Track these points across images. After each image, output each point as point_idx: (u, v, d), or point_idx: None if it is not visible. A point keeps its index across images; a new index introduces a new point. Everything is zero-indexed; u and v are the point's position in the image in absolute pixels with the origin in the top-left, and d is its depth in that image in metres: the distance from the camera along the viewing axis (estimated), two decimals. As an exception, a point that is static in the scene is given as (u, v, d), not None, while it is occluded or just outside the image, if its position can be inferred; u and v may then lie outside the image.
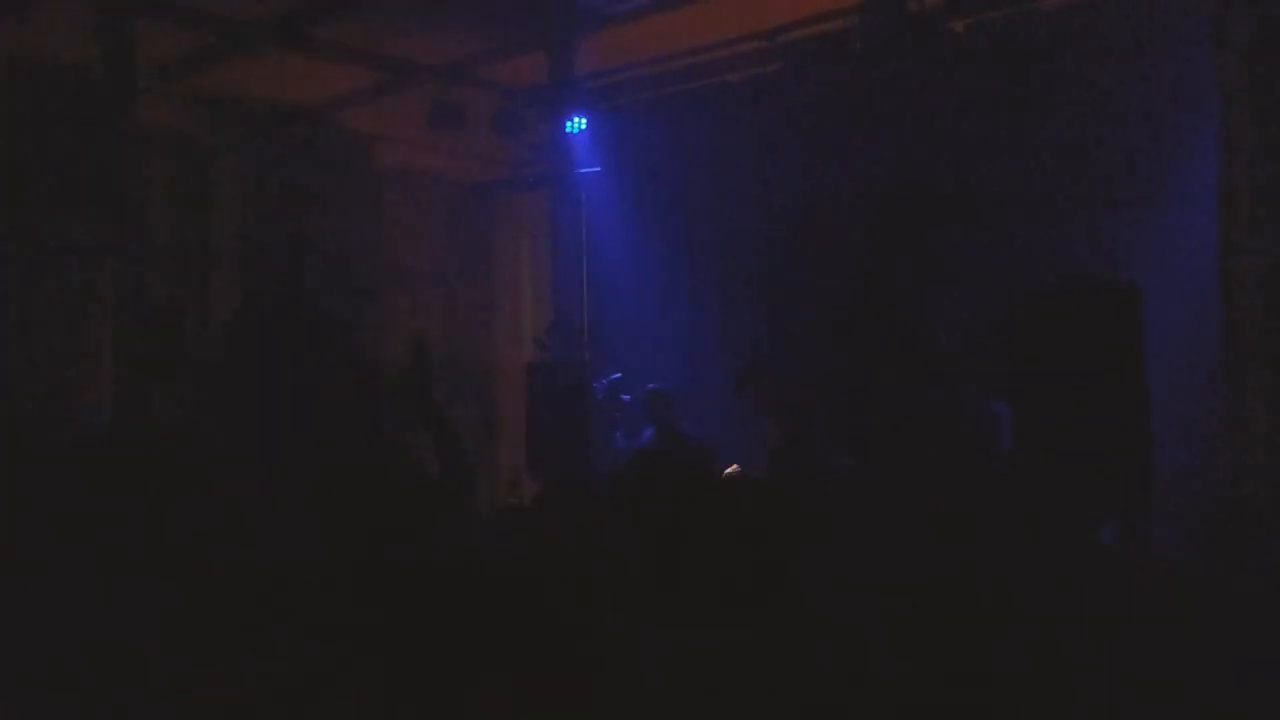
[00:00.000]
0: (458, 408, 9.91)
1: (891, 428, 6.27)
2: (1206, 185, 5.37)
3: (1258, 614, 4.41)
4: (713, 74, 9.10)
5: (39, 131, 8.86)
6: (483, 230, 12.37)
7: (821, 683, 2.89)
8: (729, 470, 6.70)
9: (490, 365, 11.83)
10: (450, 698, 2.64)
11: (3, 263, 8.77)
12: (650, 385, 7.79)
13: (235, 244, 10.83)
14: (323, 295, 10.60)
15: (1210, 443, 5.16)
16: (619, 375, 8.46)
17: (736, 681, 2.32)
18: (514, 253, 12.26)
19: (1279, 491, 4.32)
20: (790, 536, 3.87)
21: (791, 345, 7.87)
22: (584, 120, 9.66)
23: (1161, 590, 4.42)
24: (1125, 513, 4.74)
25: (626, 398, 8.39)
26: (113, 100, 8.64)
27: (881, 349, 7.01)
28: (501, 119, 10.14)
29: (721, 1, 8.57)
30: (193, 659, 2.58)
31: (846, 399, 6.83)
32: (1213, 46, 4.80)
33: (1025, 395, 5.03)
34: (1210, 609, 4.36)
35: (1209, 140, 5.20)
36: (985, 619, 4.08)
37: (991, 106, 7.26)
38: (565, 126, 9.80)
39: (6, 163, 8.65)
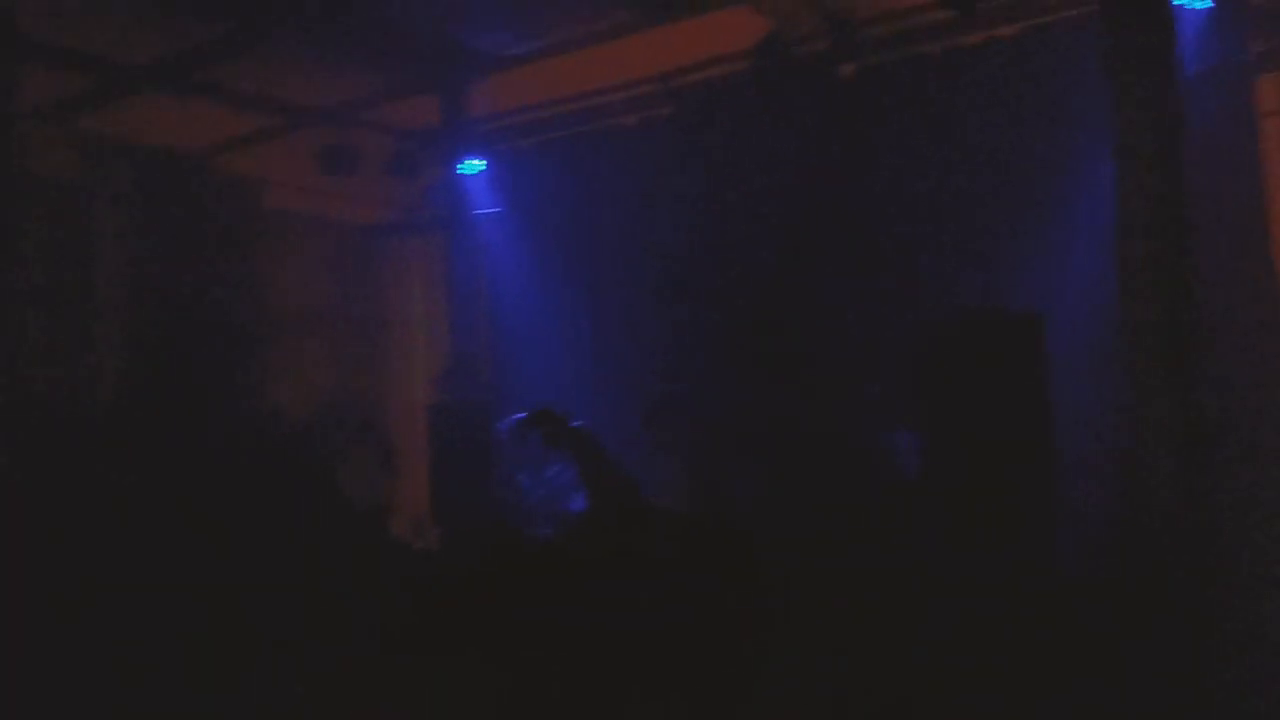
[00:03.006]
0: (359, 453, 9.79)
1: (796, 460, 6.41)
2: (1102, 218, 5.62)
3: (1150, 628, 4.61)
4: (609, 116, 9.23)
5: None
6: (377, 273, 12.28)
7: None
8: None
9: (387, 409, 11.72)
10: None
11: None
12: (574, 423, 7.80)
13: (119, 292, 10.57)
14: (211, 343, 10.40)
15: (1114, 468, 5.38)
16: (522, 415, 8.46)
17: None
18: (409, 295, 12.19)
19: (1180, 517, 4.52)
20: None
21: (693, 384, 7.97)
22: (483, 162, 9.71)
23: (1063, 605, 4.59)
24: (1031, 537, 4.91)
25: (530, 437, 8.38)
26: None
27: (784, 386, 7.18)
28: (395, 162, 10.13)
29: (616, 46, 8.74)
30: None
31: (751, 435, 6.96)
32: (1105, 79, 5.03)
33: (932, 425, 5.18)
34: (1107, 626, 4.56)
35: (1104, 174, 5.45)
36: (900, 634, 4.21)
37: (883, 148, 7.50)
38: (460, 168, 9.84)
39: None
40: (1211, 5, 6.64)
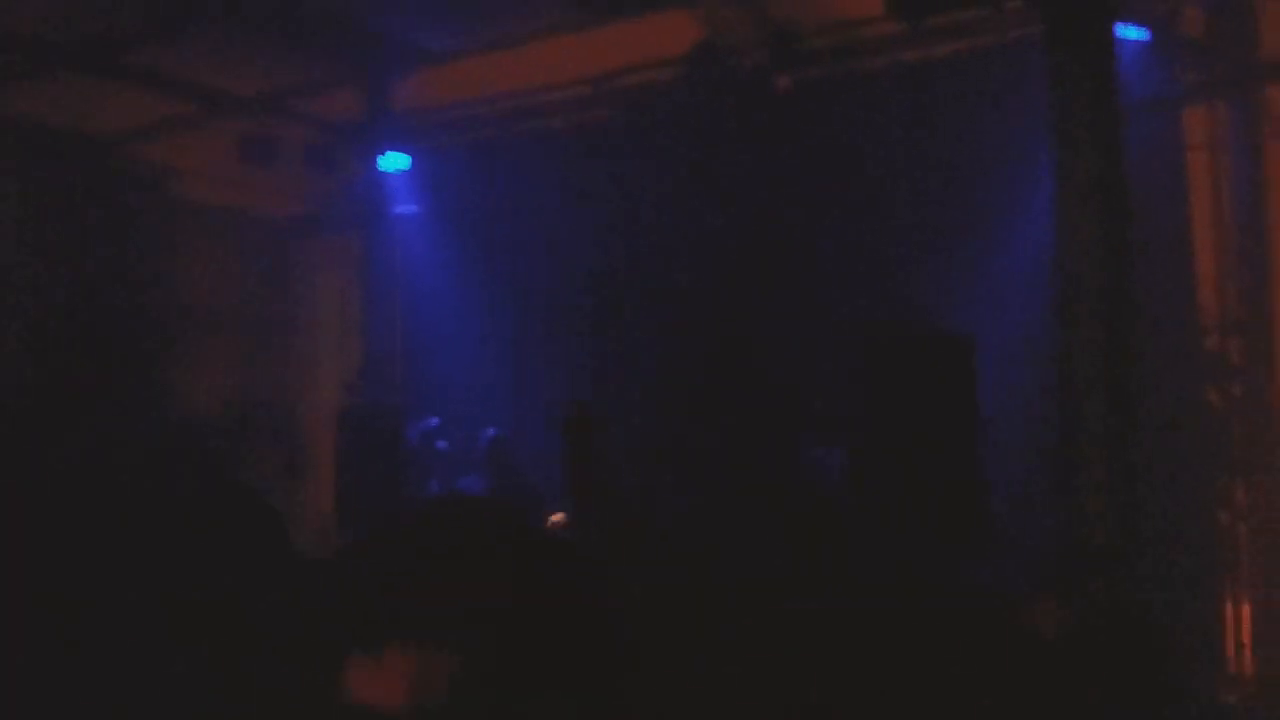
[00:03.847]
0: (263, 454, 9.48)
1: (720, 475, 6.27)
2: (1038, 233, 5.58)
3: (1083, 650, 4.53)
4: (538, 118, 9.03)
5: None
6: (291, 268, 11.92)
7: None
8: (554, 518, 6.57)
9: (296, 409, 11.36)
10: None
11: None
12: (492, 431, 7.60)
13: (17, 280, 10.10)
14: (114, 338, 9.99)
15: (1046, 484, 5.32)
16: (436, 421, 8.23)
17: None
18: (324, 292, 11.85)
19: (1113, 537, 4.46)
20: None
21: (615, 393, 7.79)
22: (406, 158, 9.45)
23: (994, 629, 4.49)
24: (963, 553, 4.82)
25: (442, 444, 8.16)
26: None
27: (709, 401, 7.04)
28: (314, 154, 9.82)
29: (548, 45, 8.56)
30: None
31: (672, 449, 6.81)
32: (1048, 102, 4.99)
33: (864, 440, 5.07)
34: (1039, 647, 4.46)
35: (1039, 191, 5.41)
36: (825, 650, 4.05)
37: (818, 163, 7.40)
38: (380, 163, 9.58)
39: None
40: (1148, 37, 6.65)
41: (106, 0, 8.06)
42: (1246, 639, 7.11)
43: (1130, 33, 6.61)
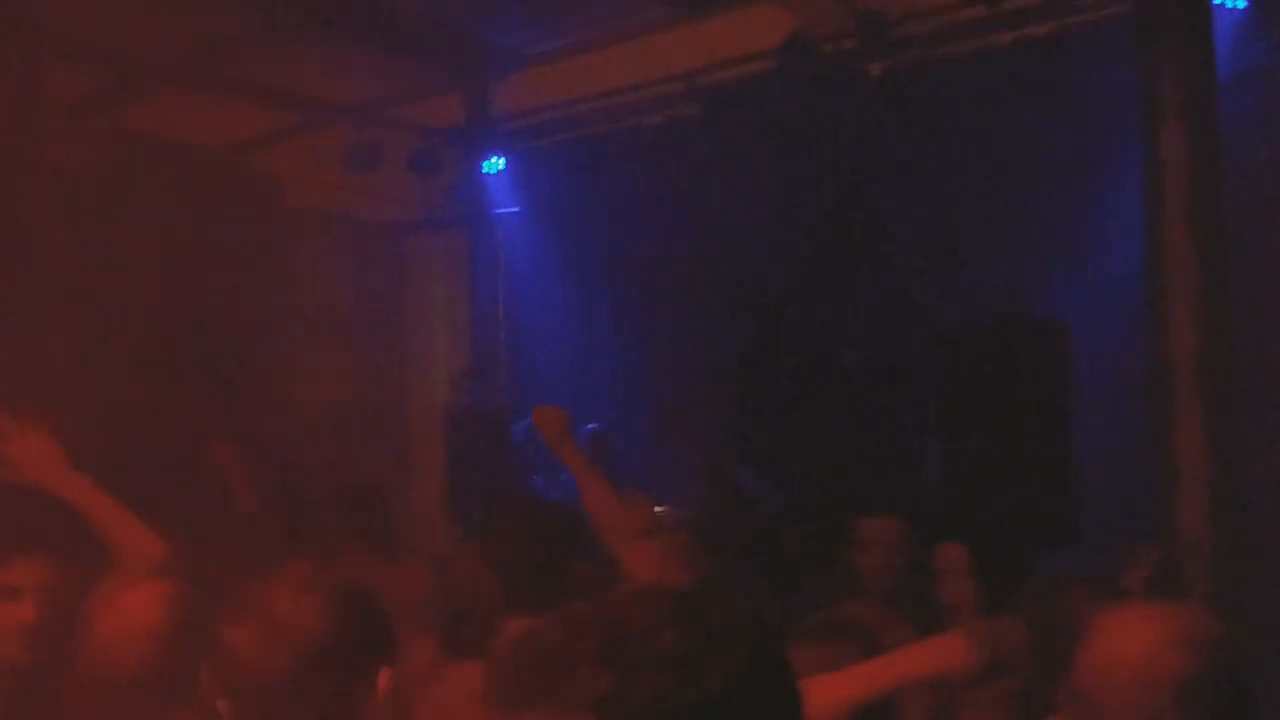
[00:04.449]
0: (372, 453, 9.74)
1: (813, 459, 6.29)
2: (1133, 220, 5.48)
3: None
4: (632, 116, 9.11)
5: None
6: (397, 271, 12.21)
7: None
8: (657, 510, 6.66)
9: (404, 408, 11.64)
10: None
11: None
12: (592, 426, 7.72)
13: (138, 288, 10.51)
14: (233, 343, 10.32)
15: (1143, 475, 5.22)
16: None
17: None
18: (429, 294, 12.11)
19: (1211, 530, 4.37)
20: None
21: (712, 388, 7.85)
22: (502, 160, 9.62)
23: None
24: (1054, 543, 4.78)
25: (547, 439, 8.29)
26: (18, 139, 8.39)
27: (802, 386, 7.05)
28: (417, 159, 10.05)
29: (639, 44, 8.64)
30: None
31: (775, 438, 6.84)
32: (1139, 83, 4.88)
33: (958, 431, 5.06)
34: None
35: (1134, 174, 5.30)
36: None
37: (912, 150, 7.34)
38: (482, 167, 9.77)
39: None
40: (1246, 6, 6.47)
41: (213, 16, 8.37)
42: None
43: (1228, 3, 6.45)
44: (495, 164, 9.70)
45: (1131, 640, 1.98)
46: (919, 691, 2.79)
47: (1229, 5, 6.41)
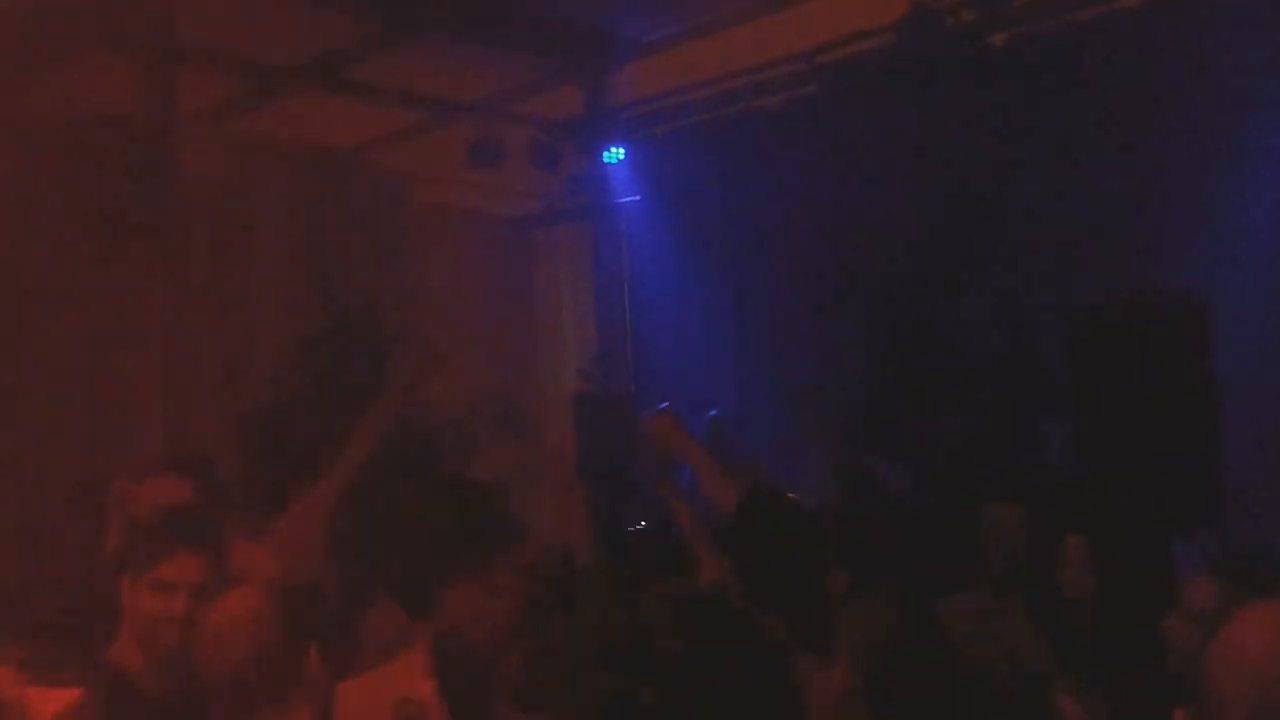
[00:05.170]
0: (505, 441, 9.84)
1: (944, 450, 6.15)
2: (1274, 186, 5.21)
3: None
4: (750, 98, 9.03)
5: (86, 181, 8.91)
6: (523, 264, 12.35)
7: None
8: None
9: (535, 398, 11.77)
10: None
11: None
12: (712, 413, 7.69)
13: (274, 292, 10.81)
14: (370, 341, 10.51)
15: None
16: (666, 405, 8.37)
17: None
18: (555, 285, 12.23)
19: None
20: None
21: (838, 374, 7.73)
22: (622, 150, 9.64)
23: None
24: (1199, 529, 4.59)
25: (675, 427, 8.29)
26: (157, 148, 8.68)
27: (929, 374, 6.90)
28: (538, 152, 10.12)
29: (754, 25, 8.55)
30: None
31: (900, 424, 6.72)
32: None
33: (1091, 410, 4.89)
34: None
35: (1274, 139, 5.03)
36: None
37: (1038, 123, 7.09)
38: (602, 157, 9.80)
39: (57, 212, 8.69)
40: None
41: (335, 20, 8.55)
42: None
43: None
44: (616, 154, 9.71)
45: (1254, 636, 1.91)
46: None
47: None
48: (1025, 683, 2.51)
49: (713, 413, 7.69)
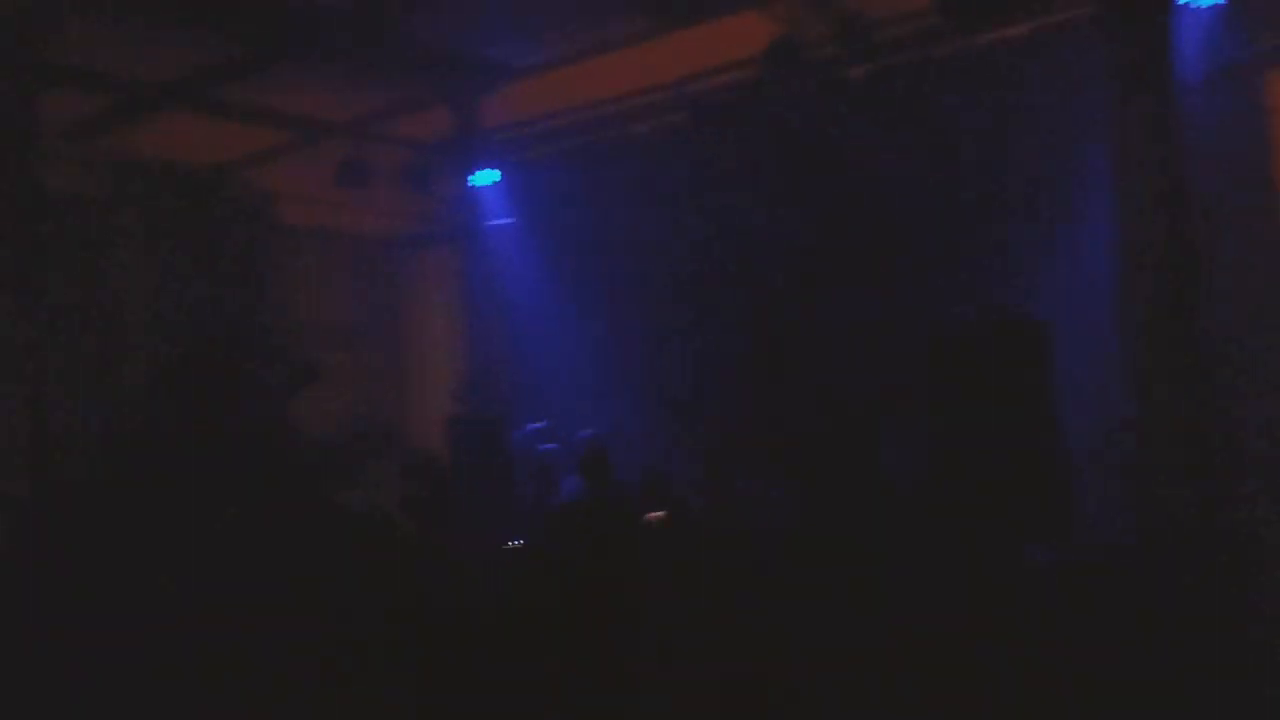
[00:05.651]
0: (380, 468, 9.83)
1: (813, 462, 6.43)
2: (1110, 218, 5.60)
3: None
4: (621, 124, 9.26)
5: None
6: (394, 286, 12.35)
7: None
8: (654, 515, 6.80)
9: (408, 422, 11.78)
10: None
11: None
12: (586, 431, 7.83)
13: (141, 309, 10.64)
14: (232, 360, 10.42)
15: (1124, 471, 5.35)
16: (541, 424, 8.51)
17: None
18: (426, 307, 12.25)
19: (1189, 520, 4.51)
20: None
21: (714, 387, 7.99)
22: (496, 173, 9.77)
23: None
24: (1049, 538, 4.92)
25: (548, 446, 8.43)
26: (13, 165, 8.50)
27: (795, 395, 7.20)
28: (409, 174, 10.19)
29: (628, 53, 8.78)
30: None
31: (769, 435, 6.98)
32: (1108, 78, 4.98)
33: (940, 428, 5.19)
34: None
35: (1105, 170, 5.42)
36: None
37: (894, 153, 7.49)
38: (474, 179, 9.91)
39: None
40: (1221, 3, 6.62)
41: (203, 39, 8.48)
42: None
43: (1203, 1, 6.60)
44: (487, 176, 9.83)
45: None
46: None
47: (1202, 4, 6.56)
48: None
49: (587, 432, 7.84)
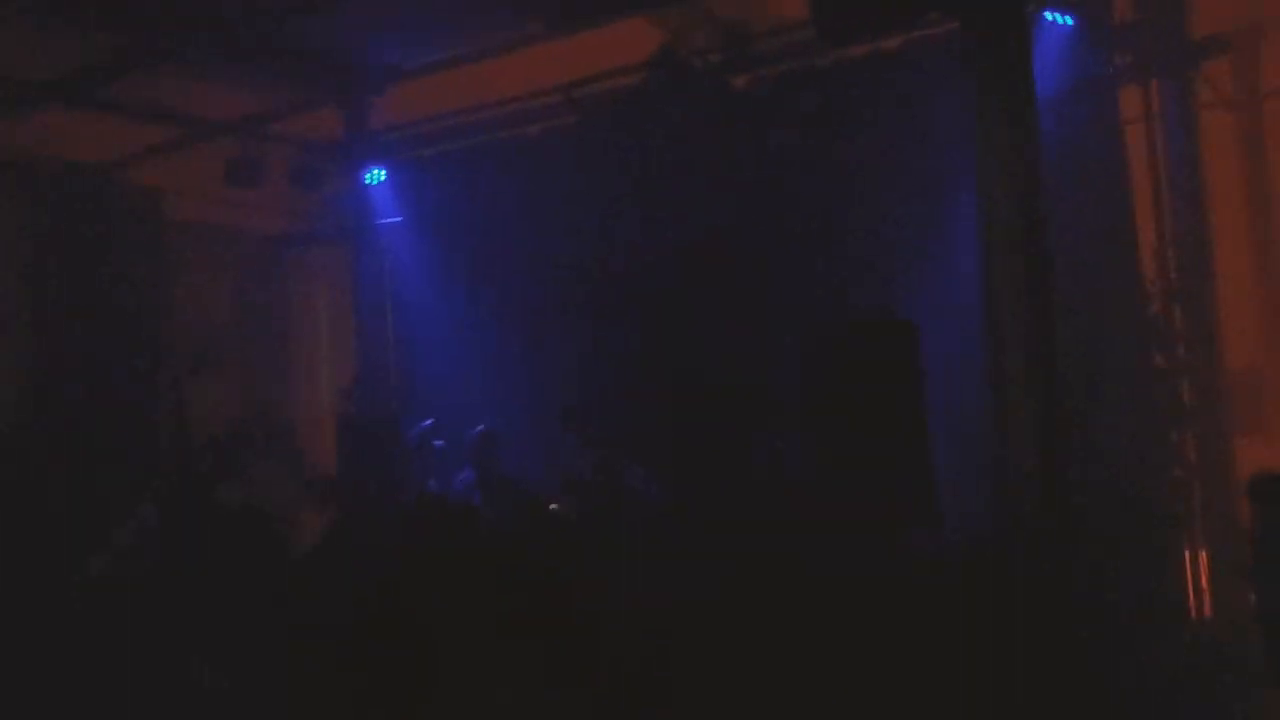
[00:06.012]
0: (268, 466, 9.84)
1: (689, 456, 6.66)
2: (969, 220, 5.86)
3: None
4: (511, 127, 9.39)
5: None
6: (284, 283, 12.30)
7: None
8: (550, 506, 6.97)
9: (295, 419, 11.75)
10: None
11: None
12: (479, 428, 7.93)
13: (22, 305, 10.45)
14: (115, 357, 10.30)
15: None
16: (430, 422, 8.59)
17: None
18: (316, 304, 12.24)
19: (1041, 511, 4.80)
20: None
21: (602, 385, 8.15)
22: (383, 172, 9.81)
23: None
24: (917, 527, 5.20)
25: (439, 443, 8.52)
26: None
27: (678, 391, 7.42)
28: (299, 172, 10.18)
29: (517, 57, 8.93)
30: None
31: (652, 436, 7.19)
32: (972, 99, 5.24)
33: (817, 424, 5.45)
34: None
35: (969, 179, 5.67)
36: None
37: (773, 158, 7.75)
38: (363, 179, 9.94)
39: None
40: (1080, 23, 6.98)
41: (90, 35, 8.41)
42: (1205, 584, 7.54)
43: (1060, 20, 6.96)
44: (376, 176, 9.87)
45: None
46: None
47: (1058, 21, 6.93)
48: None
49: (479, 428, 7.95)
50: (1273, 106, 9.82)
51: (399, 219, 9.94)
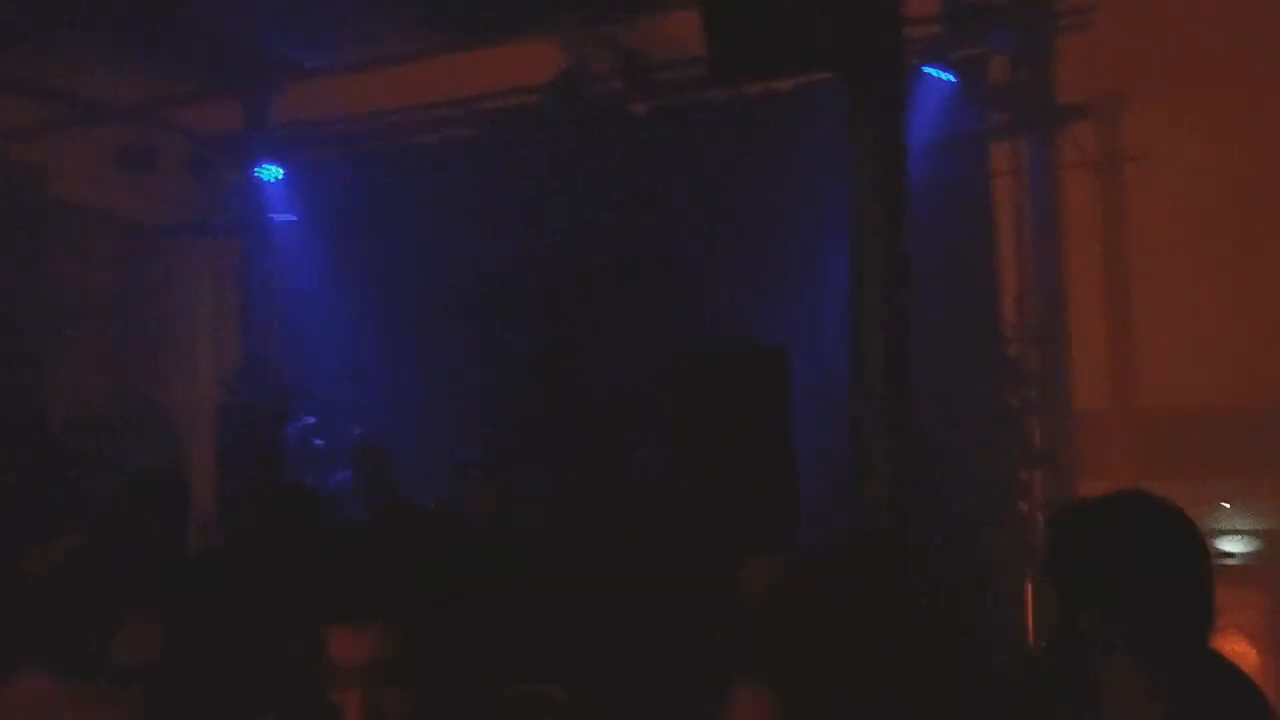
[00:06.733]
0: (141, 455, 9.77)
1: (567, 466, 6.89)
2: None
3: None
4: (411, 134, 9.54)
5: None
6: (168, 271, 12.20)
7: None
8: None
9: (171, 409, 11.65)
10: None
11: None
12: (358, 430, 8.02)
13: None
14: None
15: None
16: (312, 420, 8.68)
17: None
18: (201, 295, 12.17)
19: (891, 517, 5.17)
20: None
21: (478, 393, 8.34)
22: (279, 169, 9.86)
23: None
24: (779, 545, 5.50)
25: (319, 442, 8.61)
26: None
27: (553, 401, 7.65)
28: (193, 163, 10.17)
29: (420, 67, 9.09)
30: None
31: (536, 449, 7.39)
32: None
33: (686, 445, 5.74)
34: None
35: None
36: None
37: (663, 184, 8.08)
38: (258, 174, 9.97)
39: None
40: (956, 81, 7.46)
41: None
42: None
43: (940, 76, 7.43)
44: (272, 172, 9.92)
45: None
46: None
47: (940, 77, 7.40)
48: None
49: (358, 430, 8.07)
50: (1130, 169, 10.55)
51: (293, 217, 10.00)
